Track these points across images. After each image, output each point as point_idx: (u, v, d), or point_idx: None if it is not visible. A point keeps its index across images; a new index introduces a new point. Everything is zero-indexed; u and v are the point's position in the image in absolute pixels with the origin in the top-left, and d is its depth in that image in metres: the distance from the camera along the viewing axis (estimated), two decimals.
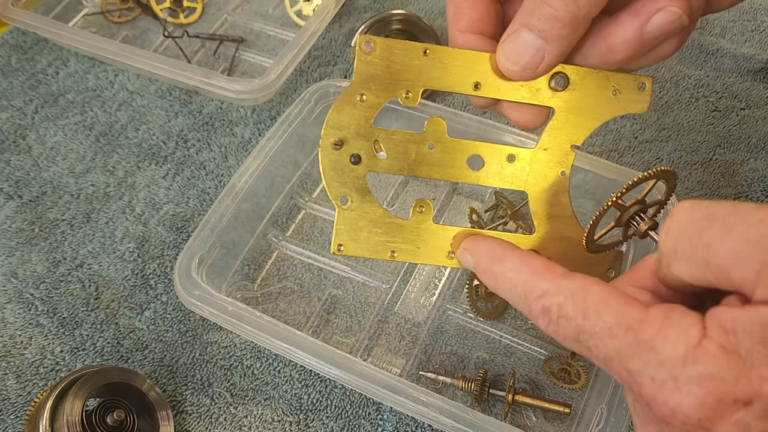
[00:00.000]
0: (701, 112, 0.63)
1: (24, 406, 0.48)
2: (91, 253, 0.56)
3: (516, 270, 0.28)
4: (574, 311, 0.25)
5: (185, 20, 0.74)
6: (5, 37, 0.73)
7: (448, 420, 0.39)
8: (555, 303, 0.26)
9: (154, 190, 0.60)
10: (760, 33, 0.69)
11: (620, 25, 0.29)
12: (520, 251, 0.29)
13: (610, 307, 0.24)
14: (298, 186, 0.58)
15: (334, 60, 0.69)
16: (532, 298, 0.27)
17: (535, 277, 0.27)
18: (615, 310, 0.24)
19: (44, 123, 0.65)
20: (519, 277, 0.28)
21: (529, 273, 0.27)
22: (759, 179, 0.58)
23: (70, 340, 0.51)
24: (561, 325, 0.25)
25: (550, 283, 0.26)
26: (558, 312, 0.25)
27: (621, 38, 0.29)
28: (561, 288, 0.26)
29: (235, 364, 0.50)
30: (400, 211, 0.57)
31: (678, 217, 0.23)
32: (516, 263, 0.28)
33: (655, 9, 0.28)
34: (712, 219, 0.21)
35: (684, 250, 0.22)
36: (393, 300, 0.52)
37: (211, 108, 0.66)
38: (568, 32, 0.28)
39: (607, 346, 0.23)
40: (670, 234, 0.23)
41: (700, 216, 0.22)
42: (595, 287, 0.25)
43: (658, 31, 0.28)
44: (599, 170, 0.50)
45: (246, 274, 0.54)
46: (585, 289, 0.25)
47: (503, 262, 0.29)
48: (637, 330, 0.22)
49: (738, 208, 0.21)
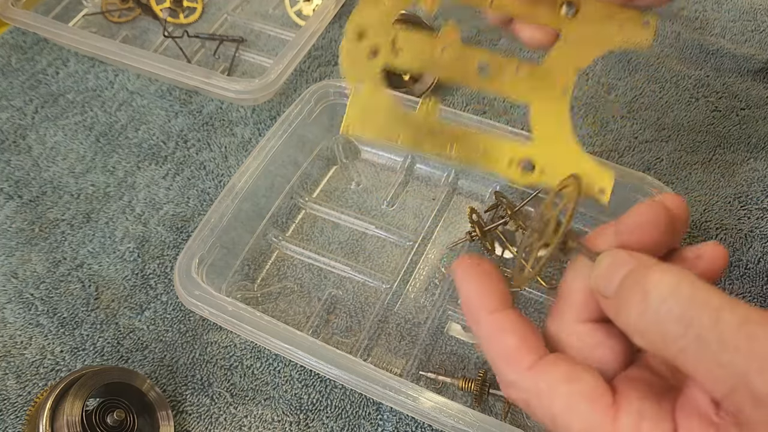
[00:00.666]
0: (701, 112, 0.63)
1: (24, 406, 0.48)
2: (91, 253, 0.56)
3: (486, 343, 0.26)
4: (542, 414, 0.24)
5: (185, 20, 0.75)
6: (5, 37, 0.73)
7: (448, 420, 0.39)
8: (521, 399, 0.25)
9: (154, 190, 0.60)
10: (760, 33, 0.70)
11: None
12: (492, 319, 0.26)
13: (577, 416, 0.23)
14: (298, 186, 0.58)
15: (334, 60, 0.69)
16: (502, 382, 0.25)
17: (502, 363, 0.25)
18: (583, 420, 0.23)
19: (44, 123, 0.65)
20: (488, 353, 0.26)
21: (497, 356, 0.25)
22: (759, 179, 0.58)
23: (70, 340, 0.51)
24: (530, 415, 0.25)
25: (516, 376, 0.25)
26: (525, 407, 0.25)
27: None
28: (526, 385, 0.24)
29: (235, 364, 0.50)
30: (400, 210, 0.57)
31: (654, 304, 0.21)
32: (486, 335, 0.26)
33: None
34: (688, 325, 0.20)
35: (655, 342, 0.21)
36: (393, 300, 0.52)
37: (211, 108, 0.66)
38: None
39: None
40: (643, 318, 0.21)
41: (677, 314, 0.20)
42: (561, 388, 0.23)
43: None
44: None
45: (246, 274, 0.54)
46: (551, 391, 0.24)
47: (477, 326, 0.26)
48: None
49: (718, 323, 0.19)
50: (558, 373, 0.24)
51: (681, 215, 0.25)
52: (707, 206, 0.56)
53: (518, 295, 0.52)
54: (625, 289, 0.22)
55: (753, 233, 0.54)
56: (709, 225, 0.55)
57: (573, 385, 0.23)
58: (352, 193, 0.59)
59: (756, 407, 0.19)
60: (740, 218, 0.55)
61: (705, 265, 0.25)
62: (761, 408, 0.19)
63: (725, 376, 0.19)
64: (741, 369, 0.19)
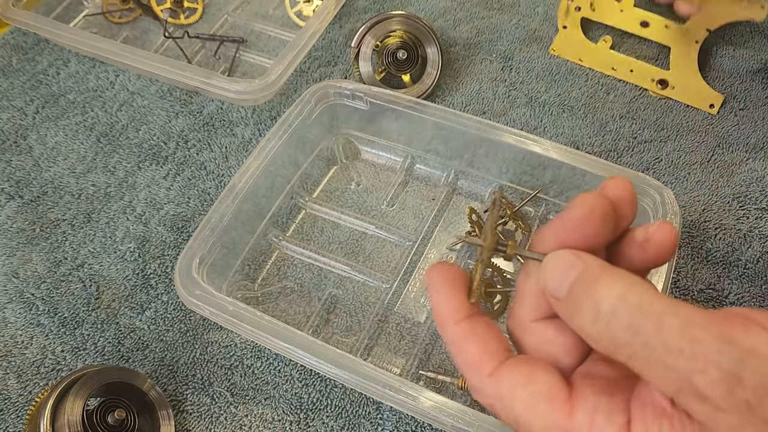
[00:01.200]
0: (700, 112, 0.63)
1: (25, 405, 0.48)
2: (91, 253, 0.56)
3: (452, 349, 0.27)
4: (506, 416, 0.25)
5: (186, 21, 0.75)
6: (6, 37, 0.73)
7: (447, 419, 0.39)
8: (487, 404, 0.26)
9: (155, 190, 0.60)
10: (759, 33, 0.70)
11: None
12: (457, 329, 0.27)
13: (536, 415, 0.24)
14: (298, 186, 0.58)
15: (334, 60, 0.69)
16: (470, 388, 0.27)
17: (467, 370, 0.26)
18: (542, 418, 0.24)
19: (45, 123, 0.65)
20: (456, 359, 0.27)
21: (461, 362, 0.27)
22: (757, 179, 0.58)
23: (70, 339, 0.51)
24: (499, 419, 0.25)
25: (480, 383, 0.26)
26: (492, 411, 0.26)
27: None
28: (489, 391, 0.25)
29: (235, 363, 0.50)
30: (400, 210, 0.57)
31: (606, 315, 0.22)
32: (451, 341, 0.27)
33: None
34: (636, 333, 0.21)
35: (607, 347, 0.22)
36: (393, 300, 0.52)
37: (211, 108, 0.66)
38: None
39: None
40: (595, 326, 0.22)
41: (625, 323, 0.21)
42: (519, 392, 0.24)
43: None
44: (598, 170, 0.50)
45: (246, 274, 0.54)
46: (511, 394, 0.24)
47: (444, 332, 0.28)
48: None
49: (662, 329, 0.20)
50: (517, 375, 0.25)
51: (625, 197, 0.26)
52: (706, 206, 0.56)
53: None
54: (576, 296, 0.23)
55: (752, 233, 0.55)
56: (708, 225, 0.55)
57: (531, 386, 0.24)
58: (352, 193, 0.59)
59: (702, 404, 0.20)
60: (739, 218, 0.56)
61: (654, 248, 0.26)
62: (706, 404, 0.20)
63: (672, 377, 0.20)
64: (685, 371, 0.20)
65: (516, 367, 0.25)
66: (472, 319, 0.27)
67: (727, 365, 0.19)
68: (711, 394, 0.19)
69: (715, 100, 0.63)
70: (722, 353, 0.19)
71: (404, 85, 0.64)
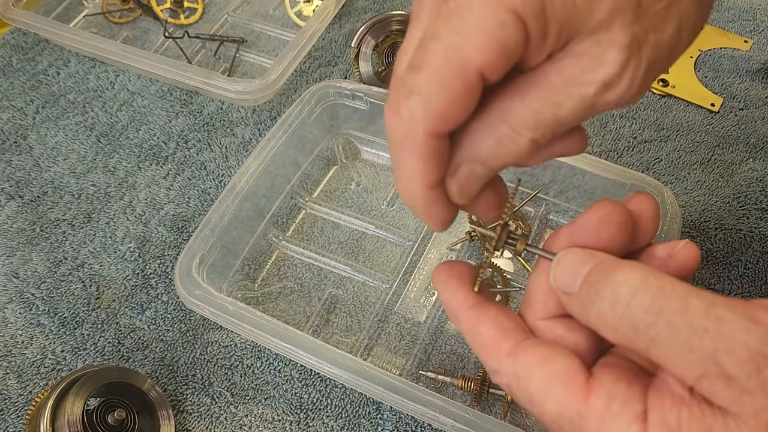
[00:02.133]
0: (700, 112, 0.63)
1: (25, 405, 0.48)
2: (92, 253, 0.56)
3: (469, 338, 0.27)
4: (521, 396, 0.25)
5: (186, 21, 0.75)
6: (6, 37, 0.73)
7: (447, 419, 0.39)
8: (504, 384, 0.25)
9: (155, 190, 0.60)
10: (759, 33, 0.70)
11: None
12: (471, 313, 0.27)
13: (551, 396, 0.23)
14: (298, 186, 0.58)
15: (334, 60, 0.70)
16: (489, 372, 0.27)
17: (484, 353, 0.26)
18: (556, 400, 0.23)
19: (45, 123, 0.65)
20: (472, 343, 0.27)
21: (479, 347, 0.27)
22: (758, 179, 0.58)
23: (71, 339, 0.51)
24: (517, 400, 0.25)
25: (496, 363, 0.26)
26: (509, 391, 0.26)
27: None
28: (506, 370, 0.25)
29: (235, 363, 0.50)
30: (400, 211, 0.57)
31: (625, 299, 0.22)
32: (467, 330, 0.27)
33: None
34: (659, 314, 0.21)
35: (626, 334, 0.22)
36: (393, 300, 0.52)
37: (211, 108, 0.66)
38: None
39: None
40: (614, 311, 0.22)
41: (647, 305, 0.21)
42: (536, 371, 0.24)
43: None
44: (598, 170, 0.50)
45: (246, 273, 0.54)
46: (527, 373, 0.24)
47: (458, 323, 0.28)
48: (580, 425, 0.22)
49: (687, 309, 0.20)
50: (534, 355, 0.25)
51: (646, 212, 0.26)
52: (706, 206, 0.56)
53: (518, 295, 0.52)
54: (592, 284, 0.23)
55: (752, 233, 0.55)
56: (708, 225, 0.55)
57: (547, 367, 0.24)
58: (352, 193, 0.59)
59: (727, 386, 0.19)
60: (739, 218, 0.56)
61: (677, 264, 0.25)
62: (732, 386, 0.19)
63: (696, 359, 0.20)
64: (710, 351, 0.19)
65: (534, 347, 0.25)
66: (483, 304, 0.27)
67: (755, 344, 0.19)
68: (737, 373, 0.19)
69: (715, 99, 0.64)
70: (749, 332, 0.19)
71: None
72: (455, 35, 0.22)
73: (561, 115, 0.23)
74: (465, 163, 0.25)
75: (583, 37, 0.22)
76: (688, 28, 0.23)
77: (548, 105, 0.23)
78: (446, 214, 0.27)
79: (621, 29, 0.22)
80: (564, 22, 0.22)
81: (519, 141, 0.24)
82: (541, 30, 0.21)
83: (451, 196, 0.26)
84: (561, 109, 0.23)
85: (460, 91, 0.22)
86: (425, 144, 0.24)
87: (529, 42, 0.22)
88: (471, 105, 0.23)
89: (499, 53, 0.21)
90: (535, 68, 0.23)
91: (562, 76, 0.23)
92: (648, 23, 0.22)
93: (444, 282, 0.28)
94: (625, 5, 0.21)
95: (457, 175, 0.26)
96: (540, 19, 0.21)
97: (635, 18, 0.22)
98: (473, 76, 0.22)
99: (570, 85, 0.23)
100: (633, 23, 0.22)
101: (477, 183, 0.26)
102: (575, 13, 0.21)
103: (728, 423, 0.19)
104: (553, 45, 0.22)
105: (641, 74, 0.23)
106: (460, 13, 0.22)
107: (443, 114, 0.23)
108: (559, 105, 0.23)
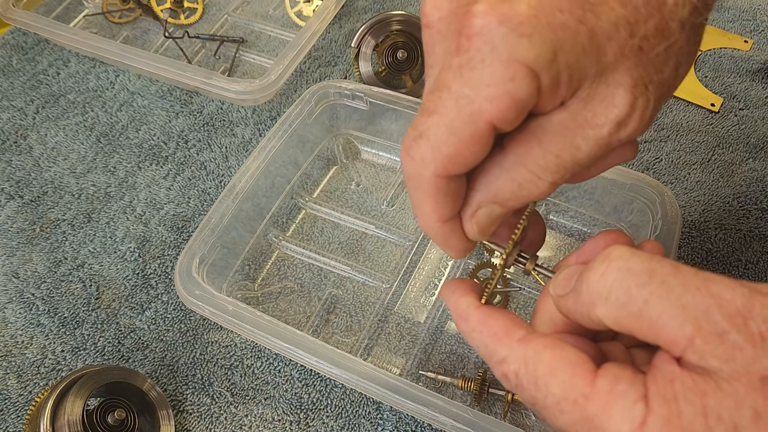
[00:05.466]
0: (700, 112, 0.63)
1: (25, 405, 0.48)
2: (92, 253, 0.56)
3: (478, 331, 0.28)
4: (527, 381, 0.25)
5: (186, 21, 0.75)
6: (6, 37, 0.73)
7: (447, 419, 0.39)
8: (512, 371, 0.26)
9: (155, 190, 0.60)
10: (759, 33, 0.70)
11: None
12: (481, 310, 0.28)
13: (557, 378, 0.24)
14: (298, 186, 0.58)
15: (334, 60, 0.70)
16: (494, 363, 0.27)
17: (495, 341, 0.27)
18: (562, 382, 0.24)
19: (45, 123, 0.65)
20: (481, 339, 0.28)
21: (490, 336, 0.27)
22: (758, 179, 0.58)
23: (71, 339, 0.51)
24: (519, 392, 0.25)
25: (507, 350, 0.26)
26: (515, 380, 0.26)
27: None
28: (517, 355, 0.26)
29: (235, 363, 0.50)
30: (400, 210, 0.57)
31: (617, 264, 0.23)
32: (477, 324, 0.28)
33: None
34: (651, 275, 0.22)
35: (618, 298, 0.22)
36: (393, 300, 0.52)
37: (211, 108, 0.66)
38: None
39: (558, 420, 0.24)
40: (605, 278, 0.23)
41: (639, 269, 0.22)
42: (546, 353, 0.25)
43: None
44: None
45: (246, 273, 0.54)
46: (537, 356, 0.25)
47: (467, 321, 0.28)
48: (584, 406, 0.23)
49: (678, 270, 0.21)
50: (546, 340, 0.25)
51: (651, 251, 0.27)
52: (706, 206, 0.56)
53: (518, 295, 0.52)
54: (583, 273, 0.24)
55: (752, 233, 0.55)
56: (708, 225, 0.55)
57: (557, 350, 0.25)
58: (352, 193, 0.59)
59: (720, 343, 0.20)
60: (739, 218, 0.56)
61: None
62: (724, 344, 0.20)
63: (690, 316, 0.21)
64: (704, 306, 0.20)
65: (546, 336, 0.26)
66: (491, 307, 0.28)
67: (740, 300, 0.20)
68: (728, 328, 0.20)
69: (714, 101, 0.64)
70: (734, 290, 0.20)
71: (404, 85, 0.64)
72: (467, 87, 0.23)
73: (579, 157, 0.24)
74: (485, 206, 0.27)
75: (591, 81, 0.23)
76: (684, 64, 0.25)
77: (566, 149, 0.24)
78: (464, 245, 0.28)
79: (626, 72, 0.23)
80: (574, 68, 0.23)
81: (540, 184, 0.25)
82: (553, 80, 0.23)
83: (469, 235, 0.28)
84: (579, 151, 0.24)
85: (470, 140, 0.23)
86: (435, 185, 0.25)
87: (541, 93, 0.23)
88: (482, 152, 0.24)
89: (512, 106, 0.22)
90: (549, 113, 0.24)
91: (576, 120, 0.24)
92: (651, 66, 0.23)
93: (452, 290, 0.30)
94: (629, 51, 0.23)
95: (476, 217, 0.27)
96: (552, 69, 0.22)
97: (638, 62, 0.23)
98: (484, 126, 0.23)
99: (585, 128, 0.24)
100: (637, 66, 0.23)
101: (496, 222, 0.28)
102: (585, 59, 0.23)
103: (721, 384, 0.20)
104: (564, 92, 0.23)
105: (649, 111, 0.24)
106: (472, 67, 0.23)
107: (451, 159, 0.24)
108: (577, 148, 0.24)
